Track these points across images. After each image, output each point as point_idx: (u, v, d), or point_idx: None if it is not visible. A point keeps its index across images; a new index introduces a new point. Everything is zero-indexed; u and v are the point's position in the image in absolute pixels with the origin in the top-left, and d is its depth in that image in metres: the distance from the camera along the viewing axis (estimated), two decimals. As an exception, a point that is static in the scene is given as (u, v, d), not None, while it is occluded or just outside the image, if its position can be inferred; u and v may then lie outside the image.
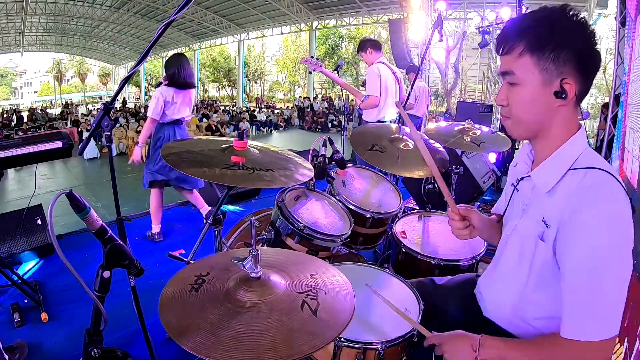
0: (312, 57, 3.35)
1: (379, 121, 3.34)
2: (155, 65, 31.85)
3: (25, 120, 16.98)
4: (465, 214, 1.12)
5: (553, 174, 0.90)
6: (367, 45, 3.40)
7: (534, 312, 0.98)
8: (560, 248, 0.86)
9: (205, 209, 3.24)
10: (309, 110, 17.31)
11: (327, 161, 1.74)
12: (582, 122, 0.94)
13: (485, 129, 2.31)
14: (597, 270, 0.79)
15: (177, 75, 2.90)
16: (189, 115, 3.13)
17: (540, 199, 0.94)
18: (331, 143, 1.81)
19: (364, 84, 3.41)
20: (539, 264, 0.92)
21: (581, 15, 0.84)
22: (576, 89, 0.85)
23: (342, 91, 3.88)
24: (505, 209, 1.10)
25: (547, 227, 0.89)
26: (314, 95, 19.90)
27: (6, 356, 1.76)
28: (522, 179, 1.02)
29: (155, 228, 3.19)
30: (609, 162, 0.99)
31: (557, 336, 0.86)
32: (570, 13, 0.84)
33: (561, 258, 0.86)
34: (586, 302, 0.81)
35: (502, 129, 5.70)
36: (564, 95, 0.84)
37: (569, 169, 0.88)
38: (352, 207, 1.74)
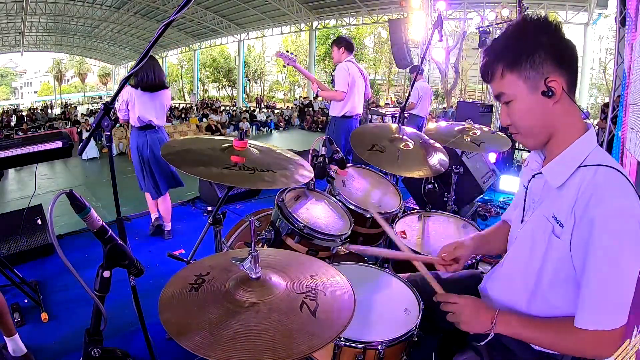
0: (287, 51, 3.44)
1: (344, 115, 3.50)
2: (156, 65, 31.82)
3: (25, 120, 16.98)
4: (452, 256, 1.20)
5: (564, 170, 0.92)
6: (344, 44, 3.52)
7: (543, 310, 0.98)
8: (577, 244, 0.87)
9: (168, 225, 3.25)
10: (309, 110, 17.31)
11: (327, 161, 1.74)
12: (589, 122, 0.97)
13: (485, 129, 2.32)
14: (614, 265, 0.82)
15: (146, 78, 2.80)
16: (163, 118, 3.02)
17: (551, 195, 0.96)
18: (331, 143, 1.82)
19: (332, 81, 3.51)
20: (554, 262, 0.93)
21: (542, 16, 0.91)
22: (562, 83, 0.89)
23: None
24: (523, 213, 1.10)
25: (557, 224, 0.91)
26: (314, 95, 19.91)
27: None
28: (533, 176, 1.04)
29: (167, 226, 3.25)
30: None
31: (572, 324, 0.88)
32: (529, 19, 0.91)
33: (577, 254, 0.87)
34: (602, 294, 0.83)
35: (502, 128, 5.71)
36: (550, 93, 0.88)
37: (579, 166, 0.90)
38: (352, 207, 1.74)
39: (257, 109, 18.50)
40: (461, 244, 1.22)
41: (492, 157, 3.82)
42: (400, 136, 1.97)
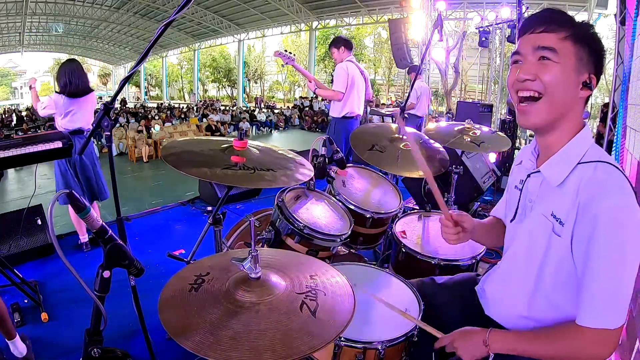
0: (285, 50, 3.41)
1: (344, 116, 3.47)
2: (155, 65, 31.87)
3: (25, 120, 16.95)
4: (457, 219, 1.14)
5: (563, 167, 0.91)
6: (341, 43, 3.50)
7: (544, 311, 0.98)
8: (578, 241, 0.87)
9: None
10: (309, 110, 17.31)
11: (327, 161, 1.74)
12: (586, 121, 0.97)
13: (485, 129, 2.31)
14: (620, 261, 0.81)
15: (69, 84, 2.71)
16: (90, 121, 2.85)
17: (549, 193, 0.95)
18: (331, 143, 1.82)
19: (332, 82, 3.50)
20: (554, 261, 0.92)
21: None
22: (594, 87, 0.91)
23: None
24: (515, 212, 1.08)
25: (557, 221, 0.90)
26: (314, 95, 19.90)
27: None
28: (529, 175, 1.03)
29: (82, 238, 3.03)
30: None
31: (570, 325, 0.87)
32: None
33: (579, 250, 0.87)
34: (608, 291, 0.82)
35: (502, 128, 5.71)
36: (589, 85, 0.90)
37: (578, 163, 0.90)
38: (352, 207, 1.74)
39: (257, 109, 18.49)
40: (468, 216, 1.17)
41: (492, 157, 3.82)
42: (400, 136, 1.97)
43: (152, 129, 10.74)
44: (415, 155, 1.07)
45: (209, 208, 1.51)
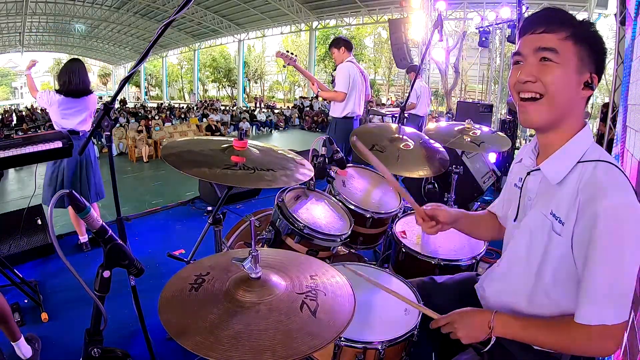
0: (287, 51, 3.42)
1: (345, 117, 3.48)
2: (155, 65, 31.89)
3: (25, 120, 16.95)
4: (431, 214, 1.17)
5: (563, 165, 0.92)
6: (342, 44, 3.52)
7: (544, 309, 0.97)
8: (579, 239, 0.86)
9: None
10: (309, 110, 17.31)
11: (327, 161, 1.74)
12: (586, 120, 0.97)
13: (485, 129, 2.32)
14: (619, 259, 0.81)
15: (69, 83, 2.69)
16: (88, 124, 2.82)
17: (549, 191, 0.95)
18: (331, 143, 1.82)
19: (332, 82, 3.53)
20: (554, 260, 0.92)
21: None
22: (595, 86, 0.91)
23: None
24: (517, 212, 1.08)
25: (556, 220, 0.90)
26: (314, 95, 19.89)
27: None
28: (528, 173, 1.03)
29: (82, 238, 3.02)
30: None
31: (572, 320, 0.87)
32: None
33: (579, 248, 0.87)
34: (607, 288, 0.82)
35: (502, 128, 5.72)
36: (591, 86, 0.90)
37: (578, 162, 0.90)
38: (352, 207, 1.74)
39: (257, 109, 18.50)
40: (445, 209, 1.19)
41: (492, 157, 3.82)
42: (400, 136, 1.97)
43: (152, 128, 10.74)
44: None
45: (209, 208, 1.51)
